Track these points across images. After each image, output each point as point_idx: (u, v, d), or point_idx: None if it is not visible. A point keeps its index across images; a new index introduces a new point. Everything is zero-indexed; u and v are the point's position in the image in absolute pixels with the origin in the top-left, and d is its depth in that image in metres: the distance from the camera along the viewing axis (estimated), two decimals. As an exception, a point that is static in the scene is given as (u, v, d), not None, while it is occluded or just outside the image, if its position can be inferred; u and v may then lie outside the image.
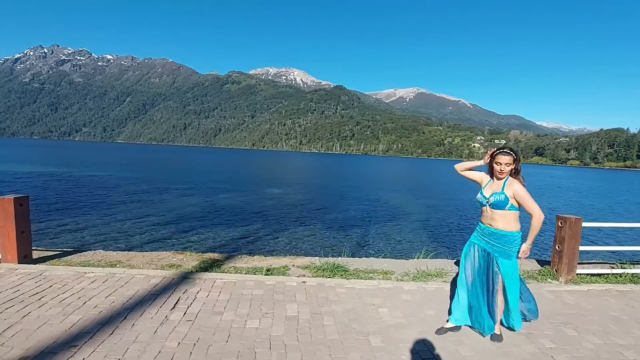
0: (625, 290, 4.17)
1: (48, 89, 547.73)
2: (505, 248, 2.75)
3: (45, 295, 3.35)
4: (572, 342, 2.91)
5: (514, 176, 2.75)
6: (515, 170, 2.75)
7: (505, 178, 2.74)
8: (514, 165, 2.74)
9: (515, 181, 2.71)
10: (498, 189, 2.73)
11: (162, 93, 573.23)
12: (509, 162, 2.71)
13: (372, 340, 2.81)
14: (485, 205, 2.82)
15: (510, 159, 2.71)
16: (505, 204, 2.69)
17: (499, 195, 2.70)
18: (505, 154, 2.71)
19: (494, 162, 2.76)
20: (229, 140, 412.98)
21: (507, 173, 2.74)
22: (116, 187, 19.99)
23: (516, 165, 2.74)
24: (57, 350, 2.46)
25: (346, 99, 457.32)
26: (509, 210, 2.70)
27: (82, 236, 9.63)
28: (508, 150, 2.73)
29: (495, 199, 2.72)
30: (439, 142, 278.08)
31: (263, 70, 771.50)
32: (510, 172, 2.75)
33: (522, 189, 2.68)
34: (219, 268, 4.45)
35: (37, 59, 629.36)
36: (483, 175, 2.96)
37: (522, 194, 2.66)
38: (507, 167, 2.71)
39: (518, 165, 2.76)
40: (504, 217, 2.73)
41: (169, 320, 2.98)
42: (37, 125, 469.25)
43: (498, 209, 2.73)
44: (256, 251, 8.69)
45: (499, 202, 2.70)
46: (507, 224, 2.73)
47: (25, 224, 4.25)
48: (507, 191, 2.68)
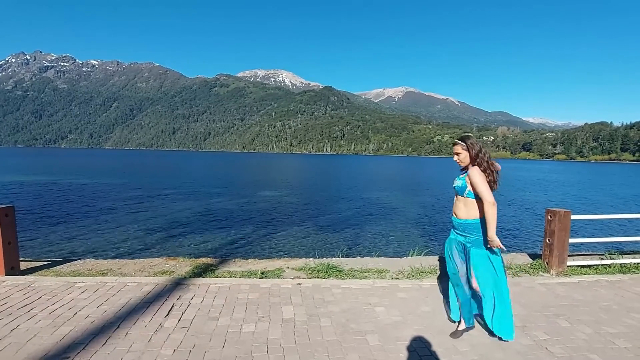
0: (615, 280, 4.26)
1: (32, 96, 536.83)
2: (473, 237, 2.74)
3: (35, 307, 3.27)
4: (565, 333, 2.96)
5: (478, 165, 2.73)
6: (474, 158, 2.73)
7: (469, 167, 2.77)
8: (469, 153, 2.73)
9: (474, 168, 2.69)
10: (462, 175, 2.82)
11: (149, 98, 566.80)
12: (458, 151, 2.78)
13: (369, 340, 2.81)
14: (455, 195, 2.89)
15: (459, 147, 2.77)
16: (463, 190, 2.73)
17: (459, 180, 2.79)
18: (455, 143, 2.80)
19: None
20: (219, 144, 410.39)
21: (464, 161, 2.77)
22: (105, 194, 19.65)
23: (471, 153, 2.73)
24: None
25: (335, 100, 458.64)
26: (467, 197, 2.73)
27: (72, 245, 9.43)
28: (457, 140, 2.80)
29: (456, 184, 2.81)
30: (428, 140, 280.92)
31: (251, 72, 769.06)
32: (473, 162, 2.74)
33: (476, 173, 2.64)
34: (212, 273, 4.41)
35: (20, 66, 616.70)
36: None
37: (475, 178, 2.63)
38: (457, 155, 2.78)
39: (472, 152, 2.72)
40: (465, 205, 2.76)
41: (163, 328, 2.93)
42: (21, 133, 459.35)
43: (460, 195, 2.79)
44: (250, 254, 8.63)
45: (458, 187, 2.78)
46: (468, 212, 2.74)
47: (11, 234, 4.14)
48: (467, 177, 2.73)
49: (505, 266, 4.77)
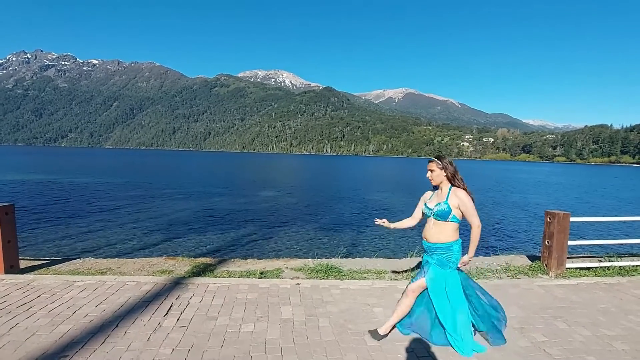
0: (613, 282, 4.27)
1: (32, 94, 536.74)
2: (441, 256, 2.69)
3: (34, 305, 3.27)
4: (563, 335, 2.96)
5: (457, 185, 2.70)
6: (450, 178, 2.70)
7: (450, 187, 2.70)
8: (444, 172, 2.69)
9: (460, 190, 2.66)
10: (442, 199, 2.69)
11: (149, 97, 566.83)
12: (432, 168, 2.72)
13: (368, 340, 2.82)
14: (430, 217, 2.75)
15: (434, 164, 2.71)
16: (448, 214, 2.62)
17: (443, 204, 2.65)
18: (431, 160, 2.75)
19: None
20: (219, 144, 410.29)
21: (436, 179, 2.73)
22: (105, 194, 19.65)
23: (447, 173, 2.69)
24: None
25: (336, 101, 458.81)
26: (450, 221, 2.65)
27: (71, 244, 9.43)
28: (433, 157, 2.76)
29: (439, 208, 2.66)
30: (428, 141, 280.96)
31: (252, 72, 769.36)
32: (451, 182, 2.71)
33: (466, 197, 2.63)
34: (211, 272, 4.41)
35: (20, 65, 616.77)
36: (424, 195, 2.94)
37: (468, 203, 2.62)
38: (431, 172, 2.73)
39: (449, 172, 2.68)
40: (444, 229, 2.67)
41: (162, 327, 2.94)
42: (22, 131, 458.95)
43: (441, 220, 2.67)
44: (249, 254, 8.63)
45: (442, 211, 2.64)
46: (446, 236, 2.67)
47: (11, 233, 4.15)
48: (450, 200, 2.63)
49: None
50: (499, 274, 4.59)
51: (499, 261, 5.11)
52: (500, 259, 5.23)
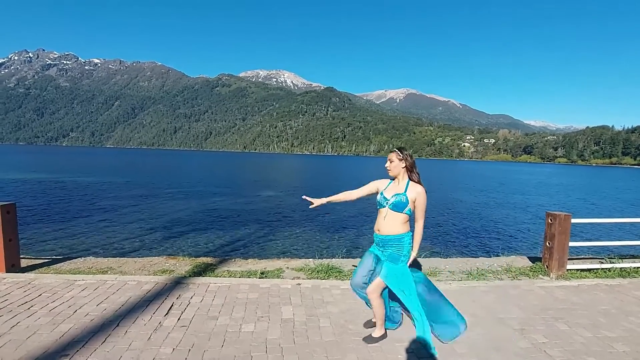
0: (614, 284, 4.26)
1: (34, 93, 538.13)
2: (393, 251, 2.70)
3: (35, 304, 3.28)
4: (564, 337, 2.96)
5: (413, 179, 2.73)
6: (408, 170, 2.74)
7: (407, 181, 2.73)
8: (403, 164, 2.72)
9: (418, 185, 2.70)
10: (401, 191, 2.70)
11: (151, 97, 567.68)
12: (392, 159, 2.75)
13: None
14: (384, 207, 2.75)
15: (393, 155, 2.75)
16: (405, 206, 2.65)
17: (402, 196, 2.66)
18: (392, 151, 2.79)
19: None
20: (220, 144, 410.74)
21: (394, 170, 2.75)
22: (106, 193, 19.69)
23: (406, 164, 2.73)
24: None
25: (337, 101, 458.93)
26: (405, 213, 2.67)
27: (72, 243, 9.44)
28: (395, 148, 2.80)
29: (397, 199, 2.67)
30: (429, 142, 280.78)
31: (253, 72, 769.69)
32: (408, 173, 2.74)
33: (424, 193, 2.69)
34: (212, 272, 4.42)
35: (22, 64, 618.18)
36: (379, 182, 2.93)
37: (424, 199, 2.67)
38: (390, 162, 2.75)
39: (407, 164, 2.73)
40: (395, 220, 2.68)
41: (162, 327, 2.94)
42: (23, 130, 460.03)
43: (396, 211, 2.67)
44: (250, 254, 8.63)
45: (400, 203, 2.65)
46: (398, 227, 2.68)
47: (12, 231, 4.16)
48: (409, 193, 2.66)
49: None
50: (499, 275, 4.59)
51: (499, 262, 5.10)
52: (501, 260, 5.22)
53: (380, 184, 2.90)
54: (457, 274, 4.61)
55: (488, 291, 3.92)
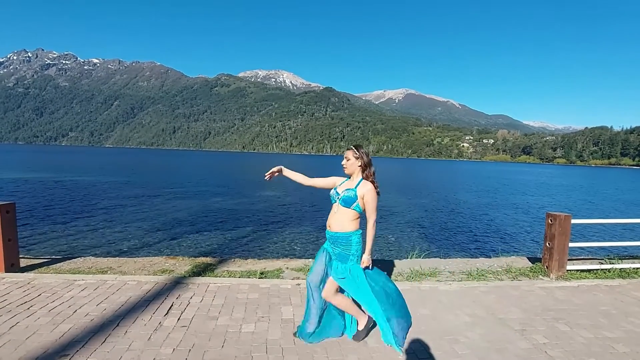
0: (614, 285, 4.26)
1: (33, 93, 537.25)
2: (340, 250, 2.68)
3: (34, 304, 3.27)
4: (565, 337, 2.96)
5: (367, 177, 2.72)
6: (363, 168, 2.72)
7: (360, 179, 2.73)
8: (358, 161, 2.72)
9: (369, 182, 2.70)
10: (352, 187, 2.72)
11: (150, 97, 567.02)
12: (348, 156, 2.75)
13: (369, 341, 2.81)
14: (335, 202, 2.77)
15: (350, 153, 2.74)
16: (353, 201, 2.64)
17: (351, 191, 2.67)
18: (349, 149, 2.79)
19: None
20: (219, 143, 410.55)
21: (350, 168, 2.76)
22: (106, 193, 19.66)
23: (362, 163, 2.72)
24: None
25: (336, 101, 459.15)
26: (353, 209, 2.66)
27: (72, 243, 9.43)
28: (351, 146, 2.79)
29: (346, 194, 2.67)
30: (428, 142, 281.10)
31: (252, 72, 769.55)
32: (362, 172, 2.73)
33: (374, 191, 2.66)
34: (212, 272, 4.41)
35: (21, 63, 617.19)
36: (337, 179, 2.94)
37: (372, 196, 2.65)
38: (347, 160, 2.75)
39: (363, 162, 2.71)
40: (344, 217, 2.68)
41: (162, 327, 2.93)
42: (22, 130, 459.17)
43: (345, 207, 2.67)
44: (249, 254, 8.63)
45: (349, 198, 2.66)
46: (347, 225, 2.67)
47: (12, 231, 4.14)
48: (359, 189, 2.66)
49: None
50: (499, 275, 4.59)
51: (499, 263, 5.10)
52: (501, 261, 5.23)
53: (338, 180, 2.92)
54: (457, 274, 4.61)
55: (488, 292, 3.92)
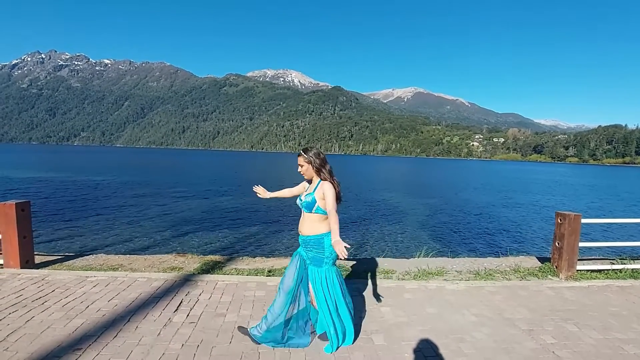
0: (626, 285, 4.19)
1: (46, 94, 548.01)
2: (314, 253, 2.67)
3: (48, 299, 3.36)
4: (573, 338, 2.93)
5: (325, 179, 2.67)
6: (317, 170, 2.68)
7: (318, 181, 2.70)
8: (311, 166, 2.68)
9: (326, 182, 2.64)
10: (310, 191, 2.71)
11: (160, 97, 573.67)
12: (301, 162, 2.72)
13: (375, 339, 2.83)
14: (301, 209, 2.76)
15: (301, 158, 2.71)
16: (312, 205, 2.62)
17: (309, 196, 2.66)
18: (299, 154, 2.75)
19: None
20: (228, 143, 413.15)
21: (307, 173, 2.74)
22: (117, 192, 19.99)
23: (314, 166, 2.68)
24: (62, 354, 2.47)
25: (344, 100, 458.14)
26: (315, 212, 2.63)
27: (84, 240, 9.63)
28: (300, 151, 2.75)
29: (306, 200, 2.67)
30: (437, 141, 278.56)
31: (261, 72, 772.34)
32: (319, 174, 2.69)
33: (330, 188, 2.59)
34: (220, 270, 4.47)
35: (35, 65, 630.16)
36: (305, 183, 2.94)
37: (329, 193, 2.56)
38: (301, 167, 2.73)
39: (315, 166, 2.67)
40: (311, 221, 2.67)
41: (172, 323, 2.99)
42: (36, 130, 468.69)
43: (308, 212, 2.67)
44: (257, 253, 8.70)
45: (308, 203, 2.65)
46: (315, 228, 2.66)
47: (27, 229, 4.26)
48: (317, 192, 2.63)
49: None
50: (508, 275, 4.55)
51: (508, 262, 5.05)
52: (509, 260, 5.17)
53: (306, 184, 2.94)
54: (464, 273, 4.58)
55: (496, 291, 3.89)
